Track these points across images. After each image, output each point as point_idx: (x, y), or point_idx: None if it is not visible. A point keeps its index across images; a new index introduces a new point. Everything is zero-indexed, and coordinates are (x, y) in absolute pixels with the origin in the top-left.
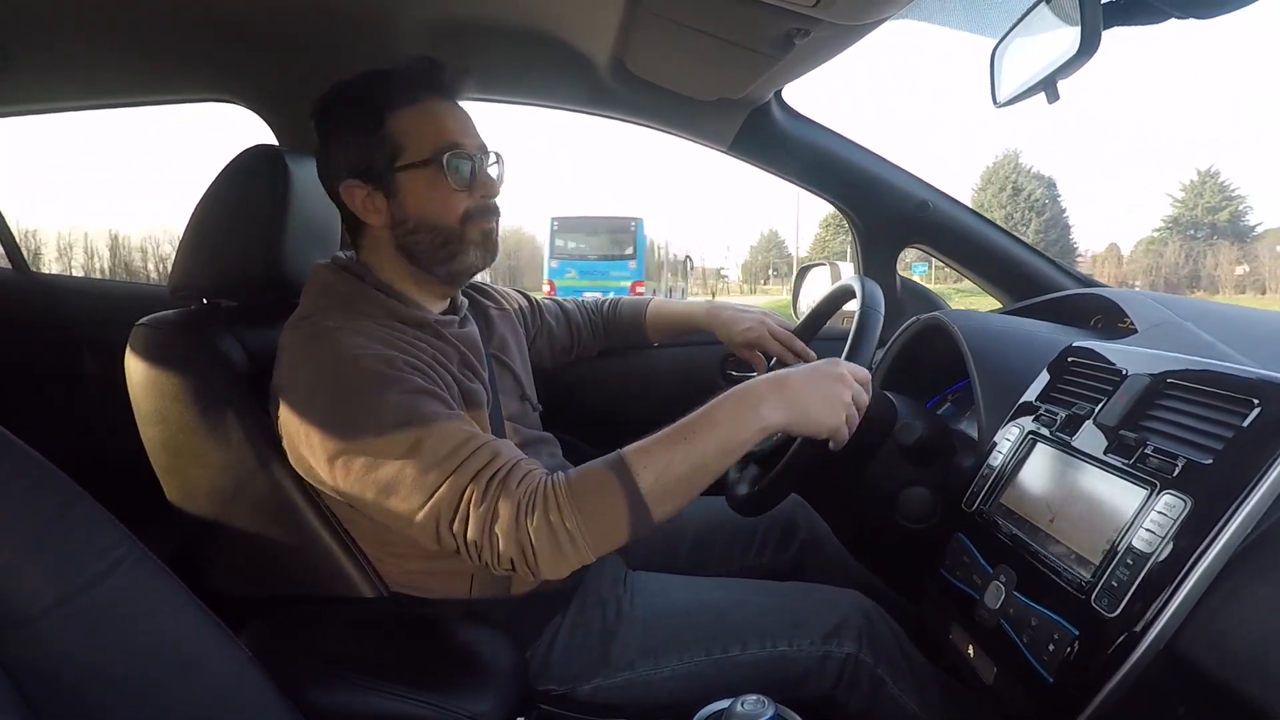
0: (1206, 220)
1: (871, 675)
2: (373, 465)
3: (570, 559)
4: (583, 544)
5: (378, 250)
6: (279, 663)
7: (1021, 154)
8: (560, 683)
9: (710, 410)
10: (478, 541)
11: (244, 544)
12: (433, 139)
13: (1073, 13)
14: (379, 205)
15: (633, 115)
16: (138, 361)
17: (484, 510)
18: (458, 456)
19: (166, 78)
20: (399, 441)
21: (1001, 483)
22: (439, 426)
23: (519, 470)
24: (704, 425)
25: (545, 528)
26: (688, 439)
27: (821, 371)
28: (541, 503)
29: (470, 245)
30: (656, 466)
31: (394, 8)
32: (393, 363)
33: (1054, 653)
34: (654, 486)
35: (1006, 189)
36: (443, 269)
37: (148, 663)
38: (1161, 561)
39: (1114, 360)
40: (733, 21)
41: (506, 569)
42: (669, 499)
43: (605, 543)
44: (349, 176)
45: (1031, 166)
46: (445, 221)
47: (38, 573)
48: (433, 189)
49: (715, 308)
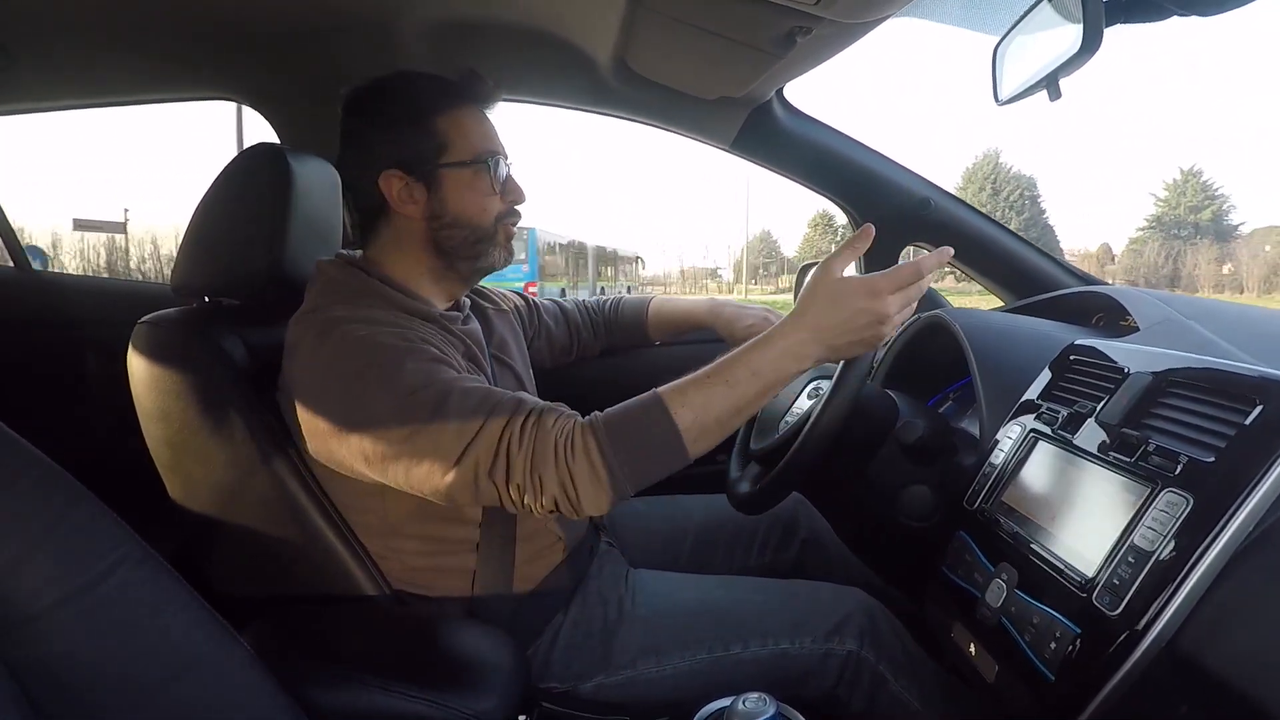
0: (1190, 219)
1: (873, 673)
2: (402, 432)
3: (609, 493)
4: (622, 479)
5: (399, 243)
6: (282, 661)
7: (1002, 153)
8: (562, 681)
9: (748, 356)
10: (520, 484)
11: (246, 541)
12: (477, 142)
13: (1075, 10)
14: (417, 197)
15: (634, 114)
16: (140, 360)
17: (524, 452)
18: (486, 406)
19: (169, 76)
20: (425, 403)
21: (1003, 481)
22: (461, 384)
23: (551, 413)
24: (743, 371)
25: (586, 464)
26: (728, 383)
27: (850, 305)
28: (581, 440)
29: (496, 246)
30: (695, 406)
31: (396, 6)
32: (406, 337)
33: (1055, 651)
34: (691, 426)
35: (986, 189)
36: (467, 265)
37: (150, 661)
38: (1163, 560)
39: (1116, 358)
40: (735, 20)
41: (550, 508)
42: (705, 438)
43: (643, 478)
44: (391, 166)
45: (1012, 167)
46: (480, 221)
47: (40, 571)
48: (473, 189)
49: (717, 305)
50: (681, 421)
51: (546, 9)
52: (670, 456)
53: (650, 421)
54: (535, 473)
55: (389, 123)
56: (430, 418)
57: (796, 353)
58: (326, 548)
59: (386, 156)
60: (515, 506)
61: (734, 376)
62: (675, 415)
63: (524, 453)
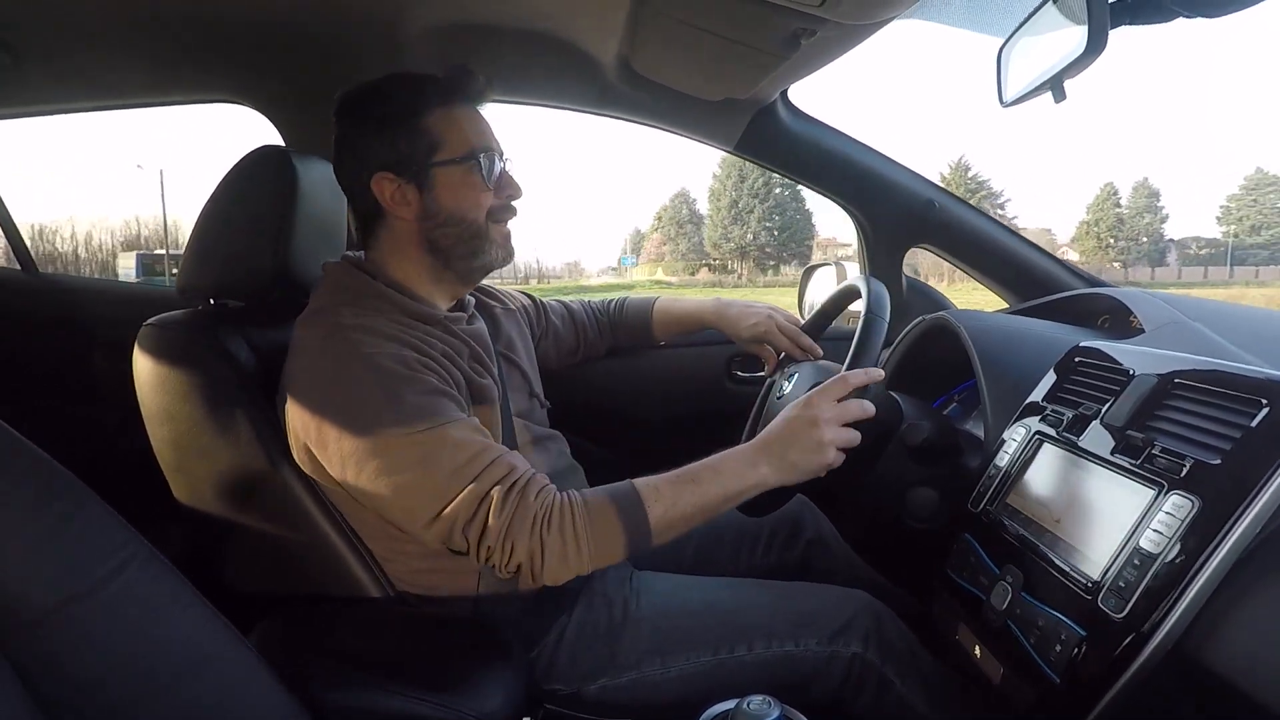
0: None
1: (879, 675)
2: (387, 468)
3: (572, 568)
4: (586, 558)
5: (396, 246)
6: (288, 662)
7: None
8: (567, 682)
9: (716, 463)
10: (491, 547)
11: (251, 543)
12: (469, 139)
13: (1079, 12)
14: (410, 198)
15: (638, 116)
16: (145, 361)
17: (502, 519)
18: (476, 465)
19: (174, 79)
20: (415, 445)
21: (1008, 483)
22: (454, 433)
23: (535, 484)
24: (710, 474)
25: (558, 541)
26: (696, 482)
27: (796, 421)
28: (558, 519)
29: (492, 243)
30: (665, 502)
31: (401, 8)
32: (407, 362)
33: (1061, 653)
34: (660, 520)
35: (733, 175)
36: (464, 265)
37: (156, 662)
38: (1169, 562)
39: (1121, 360)
40: (739, 21)
41: (511, 574)
42: (670, 531)
43: (605, 560)
44: (382, 169)
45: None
46: (473, 217)
47: (47, 573)
48: (466, 185)
49: (722, 304)
50: (652, 515)
51: (551, 11)
52: (637, 546)
53: (625, 514)
54: (509, 540)
55: (378, 126)
56: (418, 465)
57: (752, 462)
58: (331, 549)
59: (377, 160)
60: (479, 562)
61: (701, 477)
62: (649, 510)
63: (502, 520)
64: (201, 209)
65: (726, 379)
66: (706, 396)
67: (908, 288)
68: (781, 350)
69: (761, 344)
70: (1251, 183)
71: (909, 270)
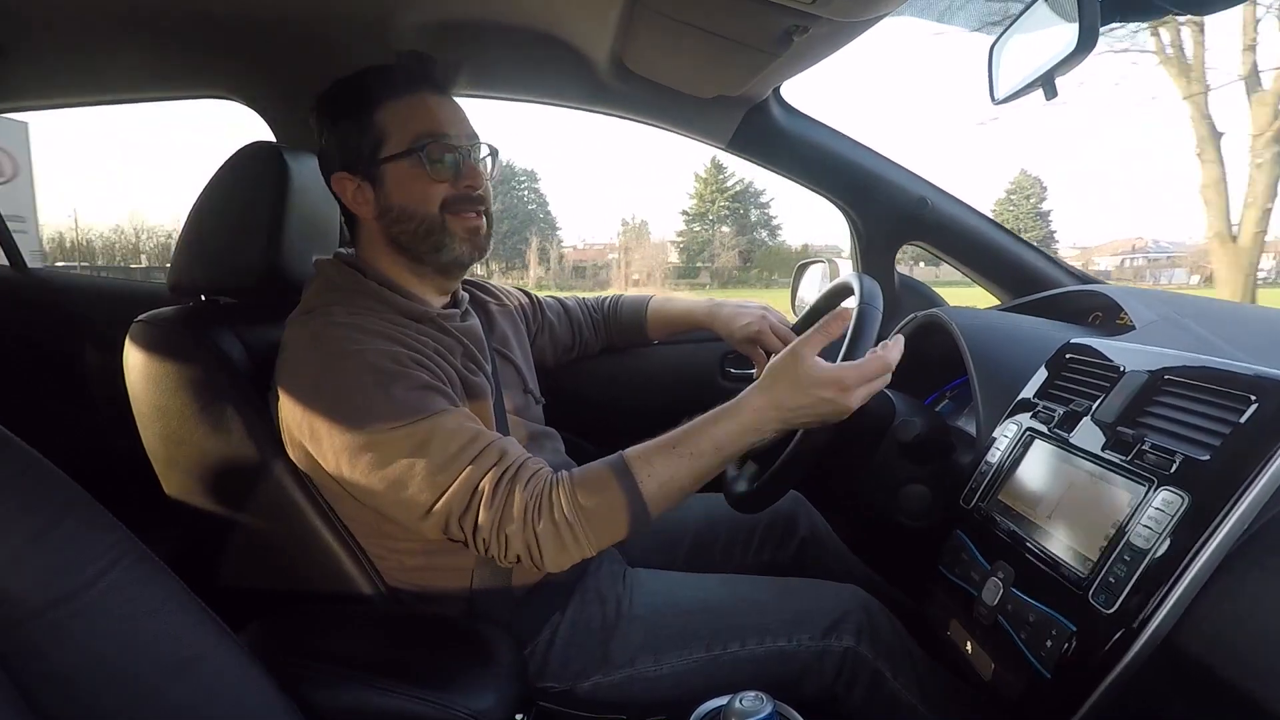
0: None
1: (871, 670)
2: (380, 461)
3: (573, 554)
4: (585, 540)
5: (373, 244)
6: (279, 660)
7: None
8: (560, 680)
9: (713, 429)
10: (487, 538)
11: (243, 540)
12: (414, 129)
13: (1070, 9)
14: (367, 197)
15: (631, 113)
16: (137, 357)
17: (495, 508)
18: (468, 454)
19: (165, 75)
20: (407, 438)
21: (999, 479)
22: (446, 423)
23: (527, 469)
24: (707, 443)
25: (551, 527)
26: (692, 454)
27: (816, 394)
28: (549, 503)
29: (454, 236)
30: (659, 473)
31: (393, 6)
32: (398, 358)
33: (1051, 649)
34: (655, 491)
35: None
36: (432, 259)
37: (147, 661)
38: (1159, 557)
39: (1112, 357)
40: (731, 19)
41: (513, 562)
42: (667, 501)
43: (606, 539)
44: (339, 169)
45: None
46: (425, 210)
47: (37, 571)
48: (413, 178)
49: (715, 305)
50: (646, 490)
51: (544, 8)
52: (634, 523)
53: (616, 488)
54: (501, 532)
55: (333, 124)
56: (411, 456)
57: (758, 428)
58: (323, 547)
59: (336, 159)
60: (479, 553)
61: (698, 448)
62: (641, 485)
63: (493, 513)
64: (193, 205)
65: (720, 376)
66: (699, 394)
67: (900, 285)
68: (772, 350)
69: (753, 344)
70: (1015, 186)
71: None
